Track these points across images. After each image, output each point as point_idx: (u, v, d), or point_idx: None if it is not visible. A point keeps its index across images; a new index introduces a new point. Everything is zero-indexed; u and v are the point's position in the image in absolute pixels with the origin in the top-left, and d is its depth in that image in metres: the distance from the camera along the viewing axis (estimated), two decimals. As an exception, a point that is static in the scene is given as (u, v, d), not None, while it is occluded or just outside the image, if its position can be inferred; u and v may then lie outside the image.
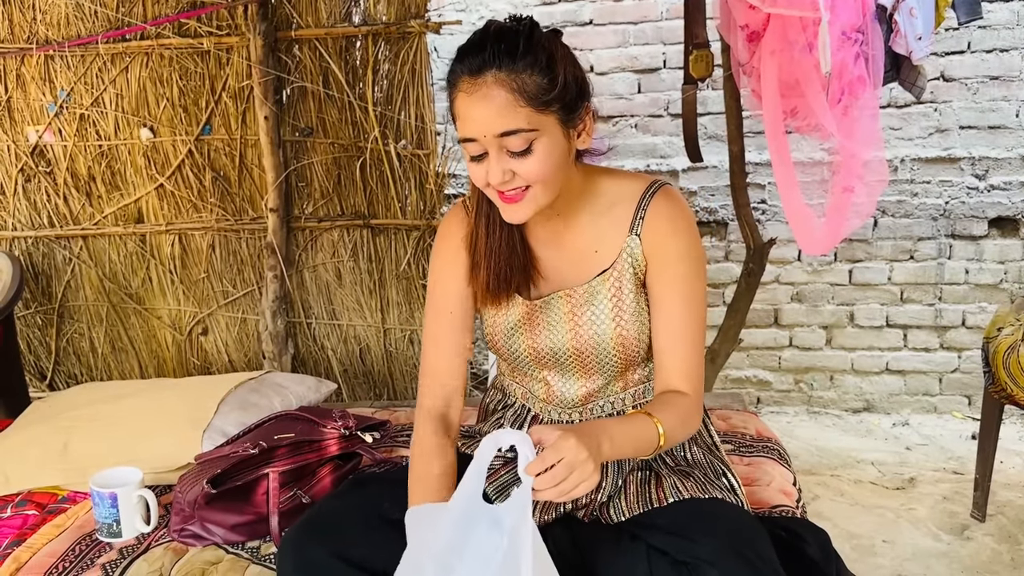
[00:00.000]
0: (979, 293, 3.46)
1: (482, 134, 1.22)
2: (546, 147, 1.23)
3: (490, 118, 1.20)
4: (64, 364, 3.17)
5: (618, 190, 1.39)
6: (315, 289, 2.98)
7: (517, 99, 1.20)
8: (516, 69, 1.20)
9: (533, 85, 1.20)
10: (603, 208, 1.38)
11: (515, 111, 1.20)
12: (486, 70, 1.20)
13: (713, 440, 1.53)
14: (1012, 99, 3.31)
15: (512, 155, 1.22)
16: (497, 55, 1.20)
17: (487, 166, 1.24)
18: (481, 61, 1.20)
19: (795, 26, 1.91)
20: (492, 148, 1.22)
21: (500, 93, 1.20)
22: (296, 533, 1.33)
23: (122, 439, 1.95)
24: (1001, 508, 2.70)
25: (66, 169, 2.93)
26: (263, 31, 2.70)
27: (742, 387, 3.68)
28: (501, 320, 1.43)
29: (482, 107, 1.21)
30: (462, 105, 1.23)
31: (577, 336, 1.38)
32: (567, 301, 1.39)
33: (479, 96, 1.21)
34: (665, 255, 1.35)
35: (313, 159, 2.86)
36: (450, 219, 1.48)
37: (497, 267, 1.39)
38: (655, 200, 1.36)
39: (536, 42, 1.23)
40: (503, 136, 1.21)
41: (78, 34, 2.80)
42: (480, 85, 1.20)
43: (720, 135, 3.28)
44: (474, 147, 1.24)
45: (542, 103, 1.21)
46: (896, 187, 3.42)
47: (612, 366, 1.40)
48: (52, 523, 1.74)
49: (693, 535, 1.23)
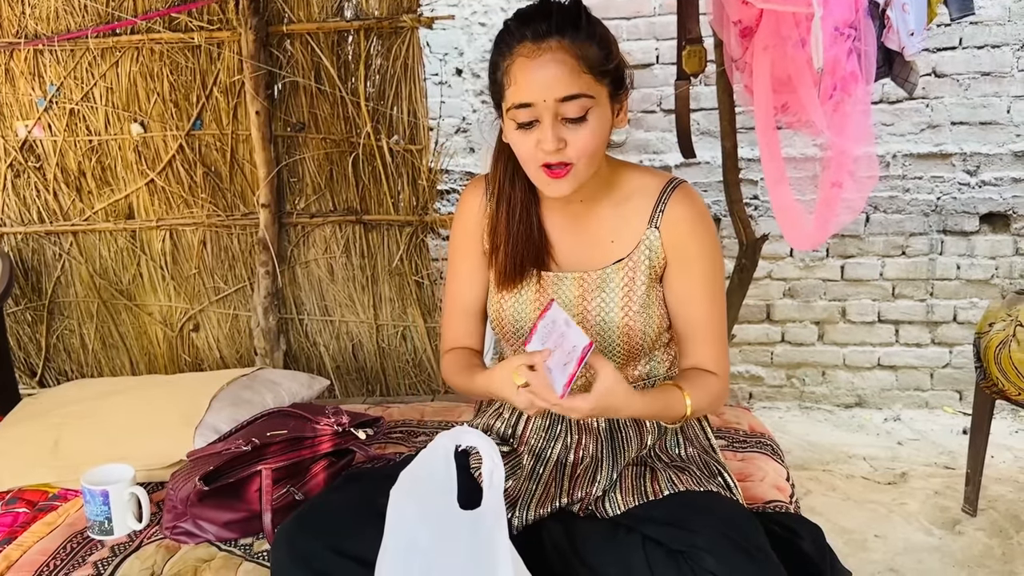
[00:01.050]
0: (970, 289, 3.48)
1: (542, 98, 1.25)
2: (598, 118, 1.28)
3: (553, 83, 1.24)
4: (54, 361, 3.15)
5: (638, 183, 1.42)
6: (307, 285, 2.97)
7: (580, 65, 1.25)
8: (579, 38, 1.25)
9: (594, 54, 1.26)
10: (622, 199, 1.42)
11: (578, 76, 1.24)
12: (551, 36, 1.24)
13: (710, 442, 1.53)
14: (1003, 95, 3.32)
15: (566, 123, 1.26)
16: (562, 23, 1.25)
17: (537, 134, 1.27)
18: (547, 27, 1.25)
19: (788, 21, 1.91)
20: (547, 115, 1.25)
21: (565, 59, 1.24)
22: (290, 526, 1.33)
23: (113, 436, 1.94)
24: (992, 503, 2.71)
25: (56, 164, 2.91)
26: (254, 25, 2.68)
27: (735, 382, 3.69)
28: (511, 300, 1.45)
29: (546, 72, 1.24)
30: (521, 70, 1.26)
31: (584, 321, 1.40)
32: (579, 285, 1.41)
33: (543, 61, 1.24)
34: (687, 253, 1.39)
35: (305, 154, 2.85)
36: (470, 196, 1.51)
37: (515, 252, 1.42)
38: (675, 196, 1.40)
39: (594, 19, 1.30)
40: (564, 101, 1.24)
41: (67, 28, 2.78)
42: (544, 50, 1.24)
43: (713, 131, 3.28)
44: (526, 113, 1.26)
45: (600, 72, 1.27)
46: (888, 183, 3.43)
47: (615, 356, 1.42)
48: (43, 521, 1.72)
49: (688, 525, 1.24)
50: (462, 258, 1.52)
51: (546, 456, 1.46)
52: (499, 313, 1.47)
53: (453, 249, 1.54)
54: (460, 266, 1.53)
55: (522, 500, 1.40)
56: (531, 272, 1.44)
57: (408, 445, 2.00)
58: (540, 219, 1.44)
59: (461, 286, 1.53)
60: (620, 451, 1.44)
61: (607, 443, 1.44)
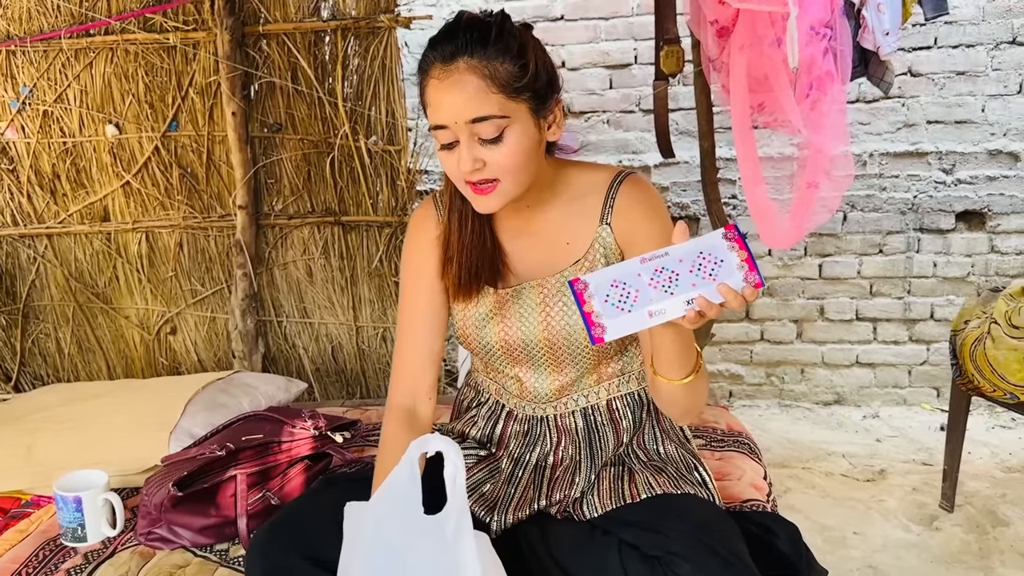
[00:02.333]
0: (947, 286, 3.51)
1: (453, 120, 1.22)
2: (517, 136, 1.24)
3: (461, 104, 1.21)
4: (30, 365, 3.11)
5: (587, 181, 1.40)
6: (286, 287, 2.95)
7: (489, 85, 1.21)
8: (488, 56, 1.21)
9: (505, 72, 1.22)
10: (573, 199, 1.39)
11: (487, 97, 1.21)
12: (458, 57, 1.22)
13: (685, 434, 1.54)
14: (978, 94, 3.35)
15: (483, 143, 1.23)
16: (469, 43, 1.22)
17: (458, 154, 1.24)
18: (453, 48, 1.22)
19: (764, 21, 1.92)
20: (463, 135, 1.23)
21: (472, 79, 1.21)
22: (264, 535, 1.31)
23: (87, 441, 1.92)
24: (969, 498, 2.74)
25: (30, 167, 2.87)
26: (230, 26, 2.66)
27: (714, 381, 3.70)
28: (472, 312, 1.42)
29: (454, 93, 1.22)
30: (433, 92, 1.24)
31: (548, 327, 1.38)
32: (539, 291, 1.39)
33: (451, 83, 1.22)
34: (640, 240, 1.35)
35: (282, 155, 2.83)
36: (420, 215, 1.48)
37: (468, 262, 1.39)
38: (623, 188, 1.38)
39: (508, 32, 1.24)
40: (474, 122, 1.22)
41: (40, 29, 2.75)
42: (452, 72, 1.22)
43: (691, 131, 3.29)
44: (445, 135, 1.24)
45: (513, 90, 1.23)
46: (865, 181, 3.45)
47: (584, 358, 1.41)
48: (15, 528, 1.70)
49: (664, 530, 1.23)
50: (415, 289, 1.45)
51: (525, 460, 1.46)
52: (463, 328, 1.44)
53: (406, 279, 1.47)
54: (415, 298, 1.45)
55: (501, 503, 1.40)
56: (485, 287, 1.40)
57: (387, 447, 1.98)
58: (493, 230, 1.42)
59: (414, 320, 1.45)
60: (598, 452, 1.44)
61: (585, 445, 1.44)
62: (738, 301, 1.06)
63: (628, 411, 1.46)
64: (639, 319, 1.06)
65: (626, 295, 1.07)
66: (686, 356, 1.19)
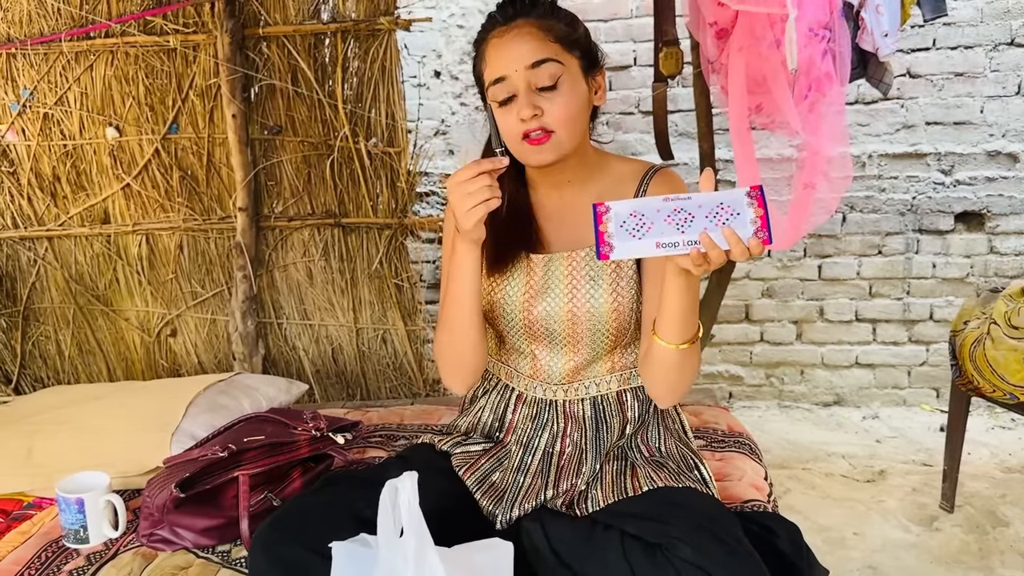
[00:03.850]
0: (946, 287, 3.51)
1: (514, 68, 1.33)
2: (571, 86, 1.35)
3: (522, 52, 1.33)
4: (30, 367, 3.11)
5: (624, 170, 1.49)
6: (286, 289, 2.96)
7: (546, 35, 1.35)
8: (544, 15, 1.37)
9: (559, 28, 1.37)
10: (609, 185, 1.47)
11: (545, 44, 1.34)
12: (518, 17, 1.36)
13: (685, 431, 1.57)
14: (976, 95, 3.36)
15: (541, 92, 1.33)
16: (527, 6, 1.38)
17: (516, 107, 1.33)
18: (513, 11, 1.37)
19: (763, 23, 1.92)
20: (521, 85, 1.33)
21: (532, 31, 1.35)
22: (266, 530, 1.32)
23: (89, 443, 1.92)
24: (969, 499, 2.74)
25: (30, 169, 2.88)
26: (230, 28, 2.67)
27: (714, 382, 3.70)
28: (501, 285, 1.47)
29: (514, 44, 1.34)
30: (494, 48, 1.37)
31: (573, 300, 1.43)
32: (567, 264, 1.44)
33: (511, 36, 1.35)
34: None
35: (282, 157, 2.83)
36: None
37: (505, 236, 1.46)
38: (655, 179, 1.46)
39: (559, 6, 1.41)
40: (534, 67, 1.33)
41: (41, 32, 2.75)
42: (512, 28, 1.36)
43: (690, 132, 3.30)
44: (502, 89, 1.34)
45: (568, 42, 1.36)
46: (864, 183, 3.46)
47: (603, 338, 1.44)
48: (17, 530, 1.71)
49: (665, 519, 1.26)
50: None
51: (534, 446, 1.49)
52: (490, 297, 1.49)
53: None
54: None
55: (509, 493, 1.42)
56: (520, 256, 1.46)
57: (387, 449, 1.99)
58: (530, 207, 1.49)
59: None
60: (603, 439, 1.47)
61: (592, 433, 1.47)
62: (740, 250, 1.12)
63: (637, 404, 1.50)
64: (647, 247, 1.15)
65: (641, 224, 1.16)
66: (690, 318, 1.25)
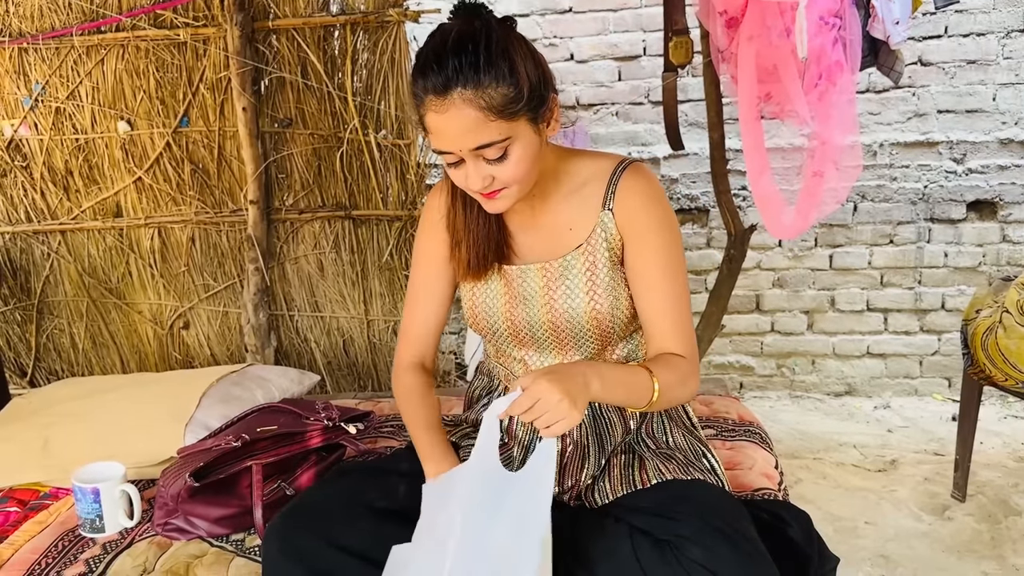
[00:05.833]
0: (958, 276, 3.50)
1: (457, 148, 1.25)
2: (521, 150, 1.26)
3: (462, 135, 1.22)
4: (44, 360, 3.14)
5: (589, 169, 1.42)
6: (297, 281, 2.97)
7: (487, 115, 1.21)
8: (481, 84, 1.19)
9: (500, 97, 1.20)
10: (575, 187, 1.42)
11: (486, 126, 1.21)
12: (451, 89, 1.19)
13: (692, 421, 1.56)
14: (989, 83, 3.33)
15: (489, 162, 1.26)
16: (460, 72, 1.19)
17: (466, 171, 1.28)
18: (445, 80, 1.19)
19: (773, 11, 1.92)
20: (468, 158, 1.26)
21: (469, 111, 1.20)
22: (281, 521, 1.33)
23: (104, 434, 1.93)
24: (981, 488, 2.74)
25: (43, 163, 2.90)
26: (240, 21, 2.68)
27: (725, 372, 3.70)
28: (480, 293, 1.47)
29: (453, 125, 1.22)
30: (432, 122, 1.24)
31: (552, 310, 1.41)
32: (542, 274, 1.42)
33: (449, 116, 1.21)
34: (640, 228, 1.38)
35: (293, 150, 2.84)
36: (433, 195, 1.54)
37: (476, 245, 1.44)
38: (625, 176, 1.40)
39: (496, 51, 1.21)
40: (478, 149, 1.24)
41: (52, 26, 2.77)
42: (448, 105, 1.20)
43: (700, 122, 3.29)
44: (450, 157, 1.28)
45: (511, 113, 1.22)
46: (875, 172, 3.44)
47: (588, 341, 1.43)
48: (34, 520, 1.72)
49: (674, 515, 1.25)
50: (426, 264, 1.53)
51: (535, 447, 1.47)
52: (472, 306, 1.49)
53: (417, 256, 1.55)
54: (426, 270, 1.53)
55: None
56: (494, 266, 1.45)
57: (399, 439, 2.00)
58: (501, 219, 1.45)
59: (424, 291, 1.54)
60: (606, 437, 1.45)
61: (591, 430, 1.46)
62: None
63: None
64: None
65: None
66: (631, 398, 1.28)
